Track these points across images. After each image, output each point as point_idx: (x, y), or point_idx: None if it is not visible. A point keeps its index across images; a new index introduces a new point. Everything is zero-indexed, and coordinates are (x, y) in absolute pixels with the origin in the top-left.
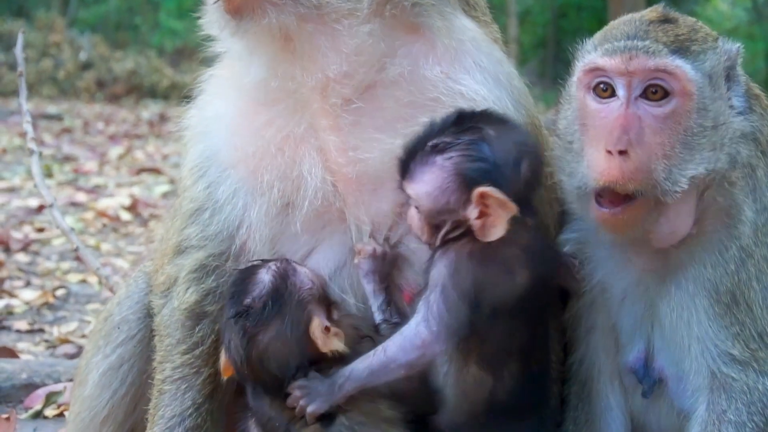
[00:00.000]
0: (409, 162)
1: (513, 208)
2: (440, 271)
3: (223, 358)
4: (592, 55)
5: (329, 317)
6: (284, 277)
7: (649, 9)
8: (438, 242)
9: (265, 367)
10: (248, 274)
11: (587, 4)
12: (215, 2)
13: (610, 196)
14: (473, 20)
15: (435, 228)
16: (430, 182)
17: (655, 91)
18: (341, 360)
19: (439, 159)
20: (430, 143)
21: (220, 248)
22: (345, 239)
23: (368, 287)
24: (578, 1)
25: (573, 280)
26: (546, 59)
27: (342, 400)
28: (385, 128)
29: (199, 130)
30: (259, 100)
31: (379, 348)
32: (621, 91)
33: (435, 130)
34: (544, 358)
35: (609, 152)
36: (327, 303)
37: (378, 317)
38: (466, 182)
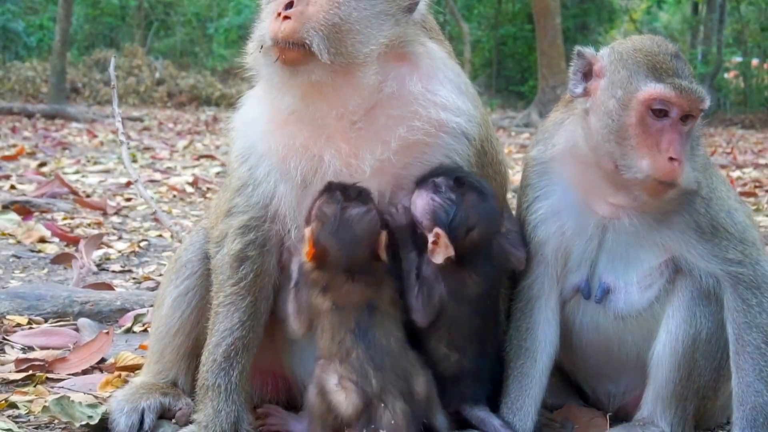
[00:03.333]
0: (421, 181)
1: (452, 253)
2: (423, 278)
3: (307, 235)
4: (659, 87)
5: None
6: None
7: (657, 42)
8: (413, 246)
9: (339, 237)
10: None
11: (520, 35)
12: (275, 60)
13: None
14: (435, 41)
15: (413, 227)
16: (419, 203)
17: (689, 116)
18: (381, 266)
19: (432, 196)
20: (433, 179)
21: (259, 213)
22: None
23: None
24: (514, 32)
25: (515, 262)
26: (491, 75)
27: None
28: (374, 139)
29: (241, 129)
30: (290, 120)
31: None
32: (674, 114)
33: (440, 172)
34: (496, 339)
35: (672, 159)
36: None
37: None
38: (434, 220)
